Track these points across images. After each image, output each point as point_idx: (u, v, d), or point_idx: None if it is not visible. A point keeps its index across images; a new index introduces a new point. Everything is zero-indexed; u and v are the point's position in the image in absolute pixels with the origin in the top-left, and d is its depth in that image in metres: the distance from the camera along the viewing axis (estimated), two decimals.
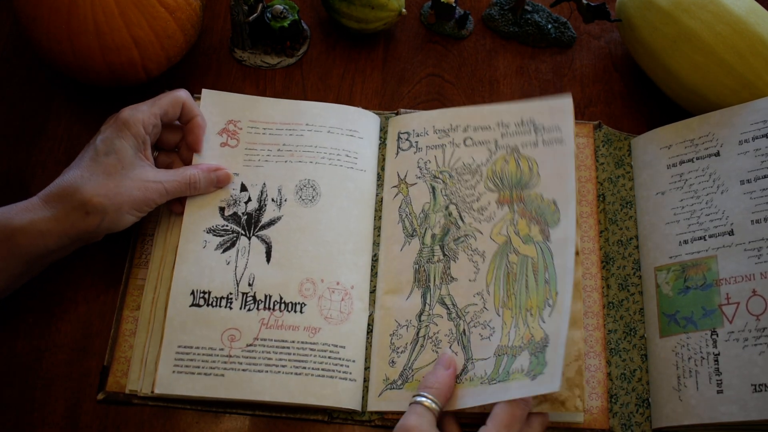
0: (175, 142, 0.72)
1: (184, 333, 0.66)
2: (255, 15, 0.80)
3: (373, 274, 0.72)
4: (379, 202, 0.74)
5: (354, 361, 0.67)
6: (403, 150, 0.76)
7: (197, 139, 0.71)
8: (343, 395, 0.66)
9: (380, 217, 0.73)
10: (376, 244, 0.73)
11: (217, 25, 0.85)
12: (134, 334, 0.68)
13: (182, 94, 0.70)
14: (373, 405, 0.66)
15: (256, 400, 0.65)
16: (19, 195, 0.74)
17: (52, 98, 0.80)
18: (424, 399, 0.61)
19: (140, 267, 0.71)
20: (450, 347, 0.66)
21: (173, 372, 0.65)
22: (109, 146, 0.65)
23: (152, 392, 0.65)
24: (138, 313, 0.69)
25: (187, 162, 0.72)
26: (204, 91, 0.76)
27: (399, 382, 0.67)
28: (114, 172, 0.64)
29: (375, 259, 0.72)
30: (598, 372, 0.68)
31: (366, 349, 0.69)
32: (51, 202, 0.63)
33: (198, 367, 0.65)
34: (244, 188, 0.72)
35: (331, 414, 0.67)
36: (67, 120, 0.79)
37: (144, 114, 0.67)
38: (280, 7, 0.81)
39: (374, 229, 0.73)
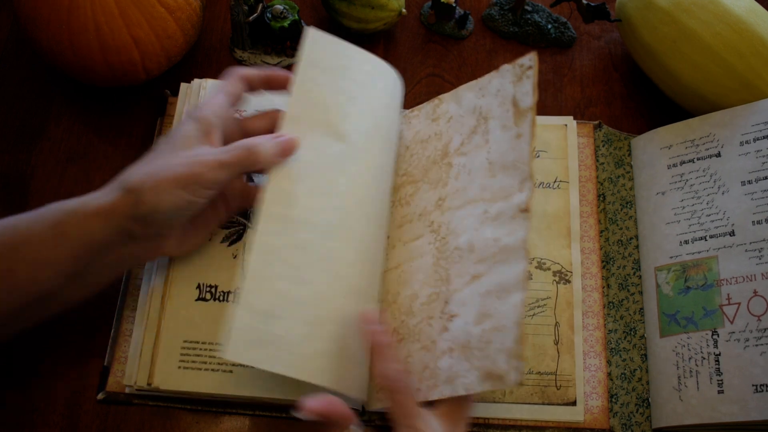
0: (264, 128, 0.65)
1: (190, 328, 0.66)
2: (255, 15, 0.80)
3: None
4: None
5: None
6: None
7: (280, 77, 0.64)
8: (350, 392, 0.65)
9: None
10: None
11: (217, 25, 0.85)
12: (134, 334, 0.68)
13: (239, 69, 0.64)
14: (373, 405, 0.66)
15: (265, 397, 0.64)
16: (19, 195, 0.75)
17: (52, 98, 0.80)
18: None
19: (140, 267, 0.71)
20: None
21: (179, 368, 0.65)
22: (169, 135, 0.60)
23: (148, 384, 0.64)
24: (137, 313, 0.69)
25: None
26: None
27: None
28: (163, 152, 0.59)
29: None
30: (598, 372, 0.68)
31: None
32: (102, 190, 0.58)
33: (205, 362, 0.65)
34: (250, 179, 0.72)
35: None
36: (67, 120, 0.79)
37: (207, 100, 0.62)
38: (280, 7, 0.81)
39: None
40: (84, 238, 0.56)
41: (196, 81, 0.74)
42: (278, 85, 0.65)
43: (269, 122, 0.65)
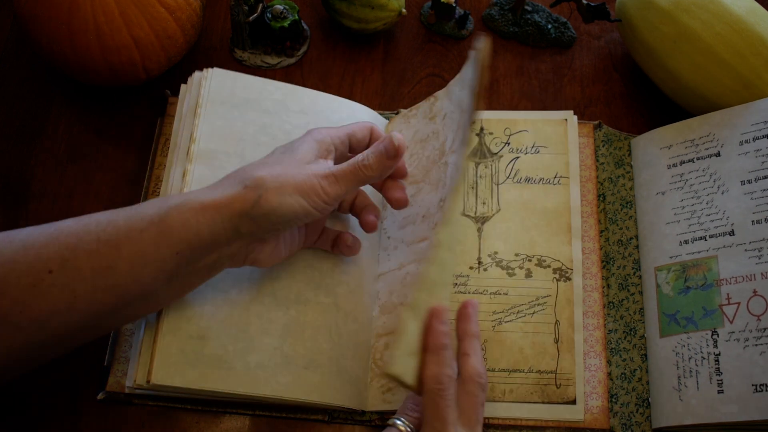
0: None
1: (190, 325, 0.65)
2: (255, 15, 0.80)
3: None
4: None
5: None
6: None
7: (400, 167, 0.65)
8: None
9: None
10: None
11: (217, 25, 0.85)
12: (134, 334, 0.68)
13: (370, 123, 0.66)
14: (373, 405, 0.66)
15: (265, 395, 0.64)
16: (20, 195, 0.75)
17: (52, 98, 0.80)
18: (400, 423, 0.59)
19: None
20: None
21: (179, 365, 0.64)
22: (288, 148, 0.61)
23: (147, 381, 0.62)
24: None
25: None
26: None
27: None
28: (287, 162, 0.59)
29: None
30: (598, 371, 0.68)
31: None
32: (216, 184, 0.58)
33: (204, 360, 0.64)
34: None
35: (331, 414, 0.67)
36: (67, 120, 0.79)
37: (332, 129, 0.63)
38: (280, 7, 0.81)
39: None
40: (189, 235, 0.55)
41: (196, 73, 0.73)
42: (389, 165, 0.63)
43: (367, 134, 0.65)
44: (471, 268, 0.71)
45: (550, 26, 0.86)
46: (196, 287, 0.61)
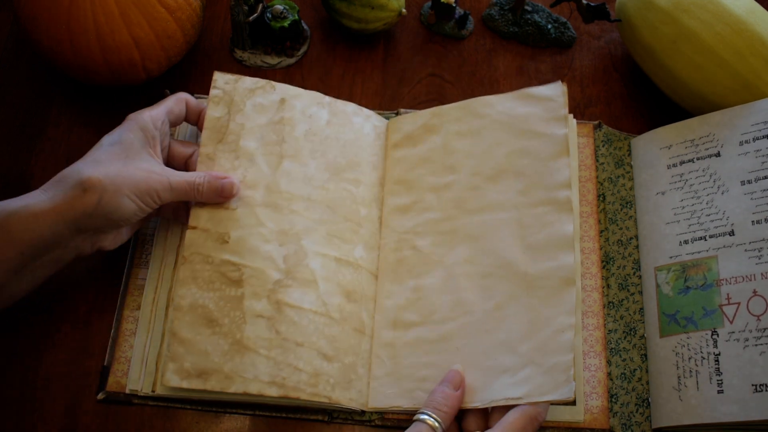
0: (186, 156, 0.70)
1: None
2: (255, 15, 0.80)
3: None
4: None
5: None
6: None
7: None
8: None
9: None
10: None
11: (217, 25, 0.85)
12: (134, 334, 0.68)
13: (183, 94, 0.70)
14: (373, 405, 0.66)
15: (266, 395, 0.64)
16: (19, 195, 0.75)
17: (52, 98, 0.80)
18: (428, 418, 0.60)
19: (140, 267, 0.71)
20: None
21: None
22: (115, 139, 0.64)
23: (153, 391, 0.65)
24: (138, 313, 0.69)
25: None
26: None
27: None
28: (118, 158, 0.62)
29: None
30: (598, 371, 0.68)
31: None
32: (50, 187, 0.61)
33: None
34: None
35: (331, 414, 0.67)
36: (67, 120, 0.79)
37: (153, 112, 0.66)
38: (280, 7, 0.81)
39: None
40: (31, 236, 0.59)
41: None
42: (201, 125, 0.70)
43: (183, 107, 0.70)
44: None
45: (550, 26, 0.86)
46: (48, 277, 0.63)
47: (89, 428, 0.66)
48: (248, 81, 0.73)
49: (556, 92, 0.70)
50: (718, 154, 0.72)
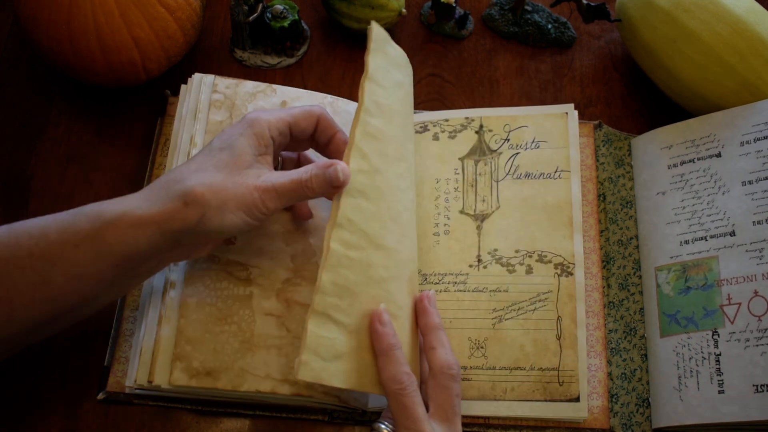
0: (308, 129, 0.64)
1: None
2: (255, 15, 0.80)
3: None
4: None
5: None
6: None
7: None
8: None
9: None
10: None
11: (217, 25, 0.85)
12: (134, 334, 0.68)
13: (317, 108, 0.63)
14: (373, 405, 0.66)
15: (266, 394, 0.64)
16: (20, 195, 0.75)
17: (52, 98, 0.80)
18: (383, 427, 0.60)
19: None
20: None
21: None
22: (226, 142, 0.58)
23: (150, 382, 0.63)
24: (138, 313, 0.69)
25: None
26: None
27: None
28: (225, 167, 0.57)
29: None
30: (598, 371, 0.68)
31: None
32: (151, 193, 0.56)
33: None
34: None
35: (331, 414, 0.67)
36: (67, 120, 0.79)
37: (272, 116, 0.60)
38: (280, 7, 0.81)
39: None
40: (127, 249, 0.54)
41: (196, 75, 0.73)
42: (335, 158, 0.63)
43: (312, 123, 0.63)
44: (470, 266, 0.71)
45: (550, 26, 0.86)
46: (138, 285, 0.61)
47: (89, 428, 0.66)
48: (249, 85, 0.73)
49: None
50: (718, 155, 0.72)
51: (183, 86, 0.73)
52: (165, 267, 0.61)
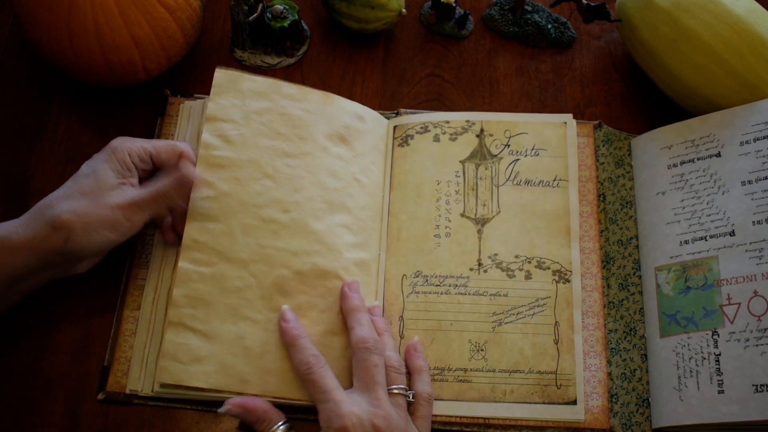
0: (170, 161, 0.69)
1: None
2: (255, 15, 0.80)
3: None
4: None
5: None
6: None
7: (182, 192, 0.67)
8: None
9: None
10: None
11: (217, 25, 0.85)
12: (134, 334, 0.68)
13: (183, 145, 0.69)
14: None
15: (266, 394, 0.64)
16: (19, 195, 0.75)
17: (52, 98, 0.80)
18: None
19: (140, 267, 0.71)
20: None
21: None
22: (90, 168, 0.65)
23: (152, 391, 0.65)
24: (138, 313, 0.69)
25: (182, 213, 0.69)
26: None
27: None
28: (90, 192, 0.63)
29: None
30: (598, 371, 0.68)
31: None
32: (26, 219, 0.62)
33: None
34: None
35: None
36: (67, 120, 0.79)
37: (134, 144, 0.66)
38: (280, 7, 0.81)
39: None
40: (4, 270, 0.61)
41: (197, 103, 0.77)
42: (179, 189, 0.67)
43: (174, 157, 0.68)
44: (471, 269, 0.71)
45: (550, 26, 0.86)
46: (18, 302, 0.65)
47: (89, 428, 0.66)
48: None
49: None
50: (718, 155, 0.72)
51: (187, 103, 0.76)
52: (46, 282, 0.65)
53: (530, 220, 0.73)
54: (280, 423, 0.61)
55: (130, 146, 0.66)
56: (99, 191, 0.63)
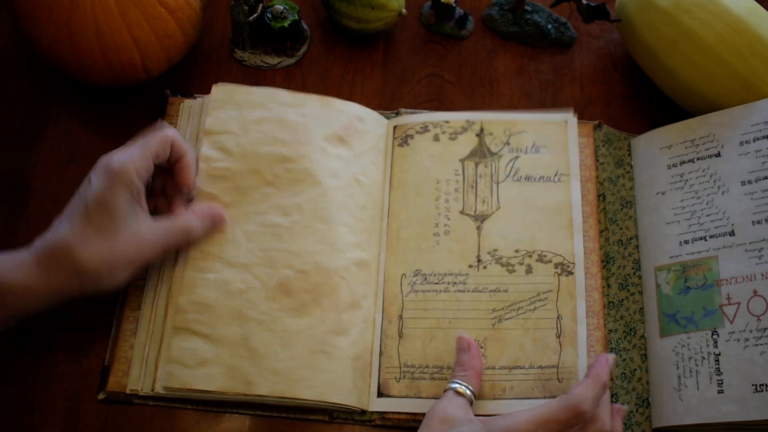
0: (162, 186, 0.69)
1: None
2: (255, 15, 0.80)
3: None
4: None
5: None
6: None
7: (186, 180, 0.67)
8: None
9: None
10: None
11: (217, 25, 0.85)
12: (134, 334, 0.68)
13: (170, 133, 0.66)
14: (374, 405, 0.66)
15: (267, 395, 0.65)
16: (20, 195, 0.75)
17: (52, 98, 0.80)
18: (458, 386, 0.62)
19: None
20: None
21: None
22: (101, 201, 0.61)
23: (152, 390, 0.65)
24: (138, 312, 0.69)
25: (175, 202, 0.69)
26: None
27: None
28: (107, 229, 0.60)
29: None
30: None
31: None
32: (44, 263, 0.60)
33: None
34: None
35: (331, 414, 0.67)
36: (67, 120, 0.79)
37: (136, 161, 0.62)
38: (280, 7, 0.81)
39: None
40: (27, 308, 0.61)
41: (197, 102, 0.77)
42: (182, 177, 0.68)
43: (167, 148, 0.66)
44: (470, 266, 0.71)
45: (550, 26, 0.86)
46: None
47: (89, 428, 0.66)
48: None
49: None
50: (718, 155, 0.72)
51: (187, 102, 0.76)
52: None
53: (531, 214, 0.72)
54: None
55: (134, 166, 0.62)
56: (117, 227, 0.61)
